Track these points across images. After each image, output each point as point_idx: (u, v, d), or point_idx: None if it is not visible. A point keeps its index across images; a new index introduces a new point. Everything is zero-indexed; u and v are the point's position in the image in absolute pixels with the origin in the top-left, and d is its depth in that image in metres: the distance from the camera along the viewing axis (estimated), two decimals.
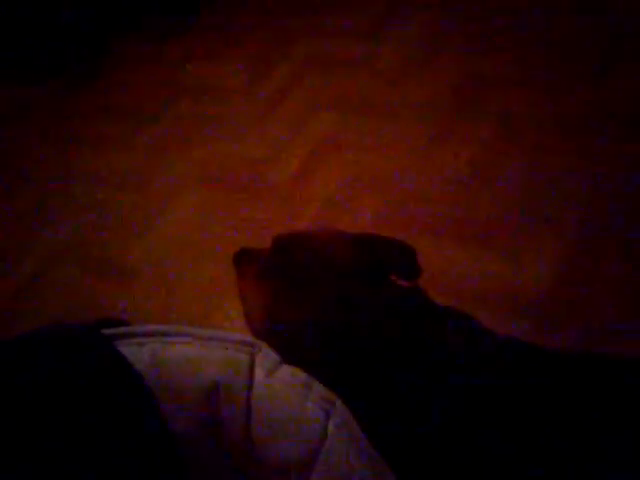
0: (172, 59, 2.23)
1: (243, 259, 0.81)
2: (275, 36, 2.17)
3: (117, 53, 2.35)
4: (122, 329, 0.51)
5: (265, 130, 1.79)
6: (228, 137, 1.81)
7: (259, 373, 0.48)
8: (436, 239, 1.32)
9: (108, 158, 1.90)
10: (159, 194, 1.71)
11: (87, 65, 2.34)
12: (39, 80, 2.33)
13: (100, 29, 2.43)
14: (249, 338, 0.50)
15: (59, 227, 1.71)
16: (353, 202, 1.48)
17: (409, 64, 1.86)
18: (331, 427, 0.46)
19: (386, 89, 1.81)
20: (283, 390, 0.47)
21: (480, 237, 1.30)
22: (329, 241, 0.74)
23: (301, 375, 0.48)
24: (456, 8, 1.99)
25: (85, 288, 1.52)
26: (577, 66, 1.66)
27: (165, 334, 0.50)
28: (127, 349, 0.49)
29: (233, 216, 1.55)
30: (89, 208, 1.74)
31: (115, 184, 1.79)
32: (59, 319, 1.38)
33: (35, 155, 2.03)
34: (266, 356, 0.49)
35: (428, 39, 1.91)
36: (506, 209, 1.35)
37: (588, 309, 1.12)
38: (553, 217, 1.31)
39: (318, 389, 0.47)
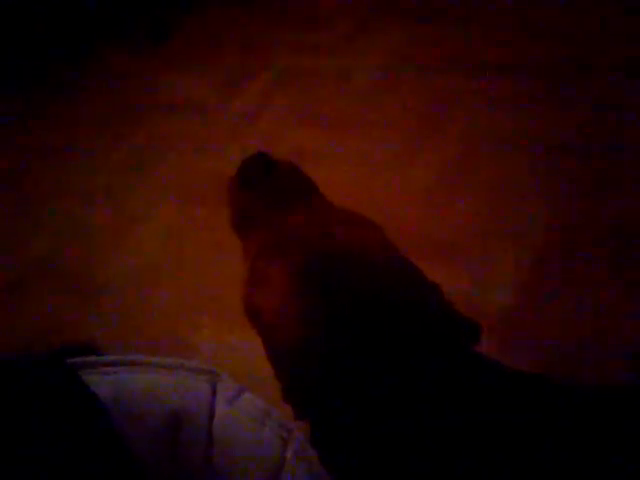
0: (147, 72, 2.23)
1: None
2: (249, 51, 2.19)
3: (91, 67, 2.34)
4: (86, 358, 0.52)
5: (239, 146, 1.80)
6: (201, 153, 1.82)
7: (220, 401, 0.49)
8: (403, 255, 1.34)
9: (81, 171, 1.89)
10: (131, 210, 1.71)
11: (60, 76, 2.33)
12: (8, 90, 2.31)
13: (73, 43, 2.42)
14: (211, 366, 0.51)
15: (29, 243, 1.69)
16: None
17: (381, 80, 1.90)
18: (289, 455, 0.47)
19: (358, 105, 1.84)
20: (243, 418, 0.48)
21: (444, 255, 1.33)
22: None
23: (261, 403, 0.49)
24: (426, 29, 2.04)
25: (55, 306, 1.51)
26: (540, 85, 1.71)
27: (128, 364, 0.51)
28: (91, 378, 0.50)
29: (206, 233, 1.56)
30: (60, 223, 1.73)
31: (87, 199, 1.79)
32: (28, 339, 1.37)
33: (8, 167, 2.01)
34: (227, 384, 0.50)
35: (399, 56, 1.95)
36: (470, 226, 1.38)
37: (551, 330, 1.15)
38: (518, 235, 1.34)
39: (277, 417, 0.49)
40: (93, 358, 0.52)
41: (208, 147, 1.83)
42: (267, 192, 0.88)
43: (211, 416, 0.48)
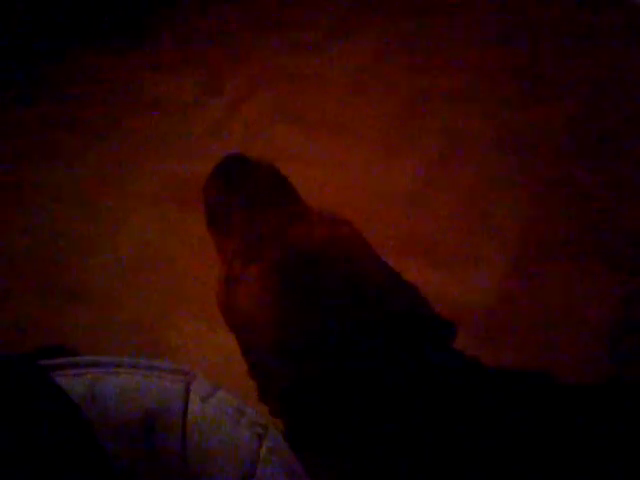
0: (129, 72, 2.22)
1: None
2: (230, 50, 2.18)
3: (72, 66, 2.32)
4: (59, 360, 0.52)
5: (218, 145, 1.79)
6: (181, 153, 1.81)
7: (194, 400, 0.50)
8: (381, 255, 1.35)
9: (63, 171, 1.87)
10: (112, 211, 1.69)
11: (40, 77, 2.31)
12: None
13: (55, 41, 2.40)
14: (184, 367, 0.52)
15: (12, 242, 1.68)
16: None
17: (360, 79, 1.90)
18: (264, 451, 0.48)
19: (337, 104, 1.84)
20: (217, 416, 0.49)
21: (425, 252, 1.34)
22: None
23: (234, 401, 0.50)
24: (403, 26, 2.05)
25: (30, 309, 1.49)
26: (519, 83, 1.73)
27: (103, 365, 0.52)
28: (64, 380, 0.50)
29: (186, 234, 1.55)
30: (42, 222, 1.71)
31: (67, 200, 1.77)
32: (6, 342, 1.36)
33: None
34: (200, 384, 0.51)
35: (378, 54, 1.96)
36: (450, 225, 1.39)
37: (529, 326, 1.16)
38: (497, 232, 1.35)
39: (251, 414, 0.49)
40: (66, 359, 0.52)
41: (187, 147, 1.82)
42: (246, 192, 0.88)
43: (185, 414, 0.49)
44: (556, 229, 1.36)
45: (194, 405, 0.49)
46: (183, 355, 1.25)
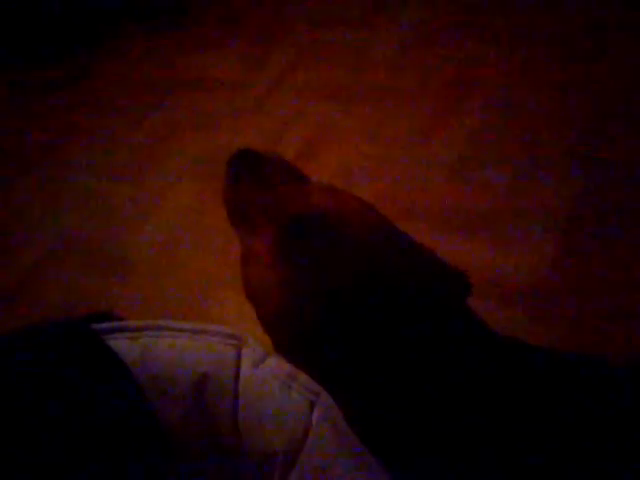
0: (165, 52, 2.23)
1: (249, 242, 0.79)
2: (269, 25, 2.17)
3: (111, 45, 2.34)
4: (113, 324, 0.52)
5: (260, 121, 1.79)
6: (222, 129, 1.82)
7: (245, 365, 0.49)
8: (427, 228, 1.33)
9: (104, 151, 1.90)
10: (154, 187, 1.71)
11: (80, 56, 2.33)
12: (30, 70, 2.33)
13: (92, 23, 2.42)
14: (236, 331, 0.51)
15: (57, 220, 1.72)
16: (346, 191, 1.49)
17: (404, 50, 1.87)
18: (315, 417, 0.47)
19: (381, 76, 1.81)
20: (269, 381, 0.48)
21: (470, 226, 1.31)
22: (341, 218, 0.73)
23: (286, 366, 0.49)
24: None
25: (82, 281, 1.53)
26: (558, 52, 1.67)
27: (154, 328, 0.52)
28: (117, 343, 0.50)
29: (227, 208, 1.56)
30: (85, 201, 1.75)
31: (111, 177, 1.80)
32: (57, 311, 1.40)
33: (32, 146, 2.03)
34: (252, 348, 0.50)
35: (418, 30, 1.91)
36: (495, 198, 1.36)
37: (578, 300, 1.13)
38: (544, 207, 1.32)
39: (303, 380, 0.49)
40: (119, 323, 0.52)
41: (228, 122, 1.83)
42: (278, 169, 0.83)
43: (236, 379, 0.48)
44: (606, 204, 1.31)
45: (246, 370, 0.49)
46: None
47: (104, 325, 0.51)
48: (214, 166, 1.71)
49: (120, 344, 0.50)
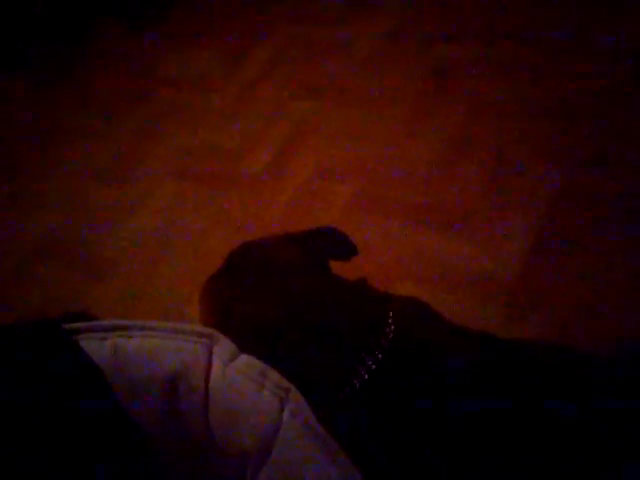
0: (147, 50, 2.22)
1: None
2: (253, 23, 2.17)
3: (93, 43, 2.33)
4: (84, 323, 0.52)
5: (239, 120, 1.79)
6: (203, 128, 1.82)
7: (216, 363, 0.49)
8: (408, 225, 1.34)
9: (83, 151, 1.89)
10: (134, 187, 1.71)
11: (63, 56, 2.32)
12: (14, 71, 2.31)
13: (75, 19, 2.41)
14: (207, 330, 0.51)
15: (38, 221, 1.71)
16: (326, 190, 1.49)
17: (384, 49, 1.87)
18: (286, 414, 0.47)
19: (361, 76, 1.81)
20: (240, 379, 0.48)
21: (451, 223, 1.32)
22: (270, 248, 0.77)
23: (257, 364, 0.50)
24: None
25: (64, 281, 1.52)
26: (542, 52, 1.68)
27: (126, 328, 0.52)
28: (88, 343, 0.50)
29: (207, 208, 1.56)
30: (66, 201, 1.74)
31: (91, 177, 1.79)
32: (38, 311, 1.39)
33: (12, 147, 2.02)
34: (223, 346, 0.50)
35: (401, 25, 1.92)
36: (477, 195, 1.37)
37: (556, 296, 1.14)
38: (524, 202, 1.32)
39: (274, 377, 0.49)
40: (90, 323, 0.52)
41: (209, 122, 1.82)
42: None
43: (207, 377, 0.48)
44: (590, 196, 1.32)
45: (217, 368, 0.49)
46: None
47: (75, 325, 0.51)
48: (195, 165, 1.71)
49: (91, 344, 0.50)
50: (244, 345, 0.52)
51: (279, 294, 0.70)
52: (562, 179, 1.34)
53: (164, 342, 0.50)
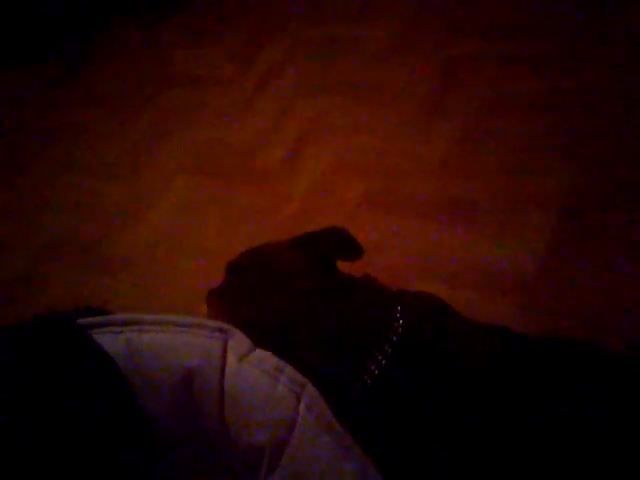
0: (160, 46, 2.22)
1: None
2: (264, 20, 2.16)
3: (104, 42, 2.34)
4: (98, 318, 0.52)
5: (252, 116, 1.78)
6: (216, 125, 1.81)
7: (231, 358, 0.49)
8: (422, 221, 1.33)
9: (95, 149, 1.90)
10: (147, 184, 1.71)
11: (73, 54, 2.33)
12: (25, 69, 2.32)
13: (87, 18, 2.41)
14: (222, 324, 0.51)
15: (50, 219, 1.71)
16: (339, 185, 1.48)
17: (395, 45, 1.86)
18: (302, 409, 0.47)
19: (373, 71, 1.80)
20: (254, 374, 0.48)
21: (465, 218, 1.31)
22: (274, 252, 0.78)
23: (272, 359, 0.49)
24: None
25: (77, 279, 1.52)
26: (557, 45, 1.66)
27: (140, 322, 0.51)
28: (103, 337, 0.50)
29: (221, 204, 1.56)
30: (78, 199, 1.74)
31: (102, 175, 1.79)
32: (53, 309, 1.39)
33: (23, 145, 2.02)
34: (238, 342, 0.50)
35: (411, 22, 1.90)
36: (490, 190, 1.35)
37: (572, 293, 1.13)
38: (540, 197, 1.31)
39: (289, 372, 0.48)
40: (105, 317, 0.52)
41: (222, 118, 1.82)
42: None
43: (222, 372, 0.48)
44: (608, 193, 1.30)
45: (231, 363, 0.48)
46: None
47: (89, 319, 0.51)
48: (208, 161, 1.71)
49: (105, 338, 0.50)
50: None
51: (286, 294, 0.69)
52: (580, 175, 1.33)
53: (178, 337, 0.50)
